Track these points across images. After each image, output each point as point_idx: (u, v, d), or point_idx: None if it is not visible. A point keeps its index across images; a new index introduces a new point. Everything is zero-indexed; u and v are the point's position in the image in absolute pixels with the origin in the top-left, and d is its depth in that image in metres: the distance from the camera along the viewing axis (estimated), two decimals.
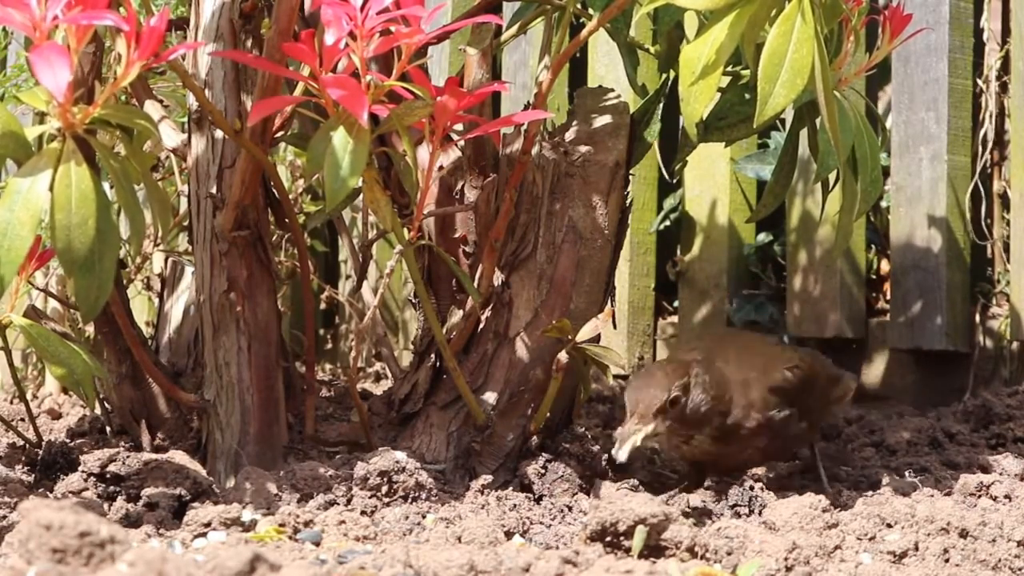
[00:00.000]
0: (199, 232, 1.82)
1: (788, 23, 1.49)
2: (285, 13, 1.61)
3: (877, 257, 2.60)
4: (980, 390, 2.38)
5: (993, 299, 2.46)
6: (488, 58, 1.77)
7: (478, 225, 1.80)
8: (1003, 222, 2.47)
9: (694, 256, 2.72)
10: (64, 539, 1.09)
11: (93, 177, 1.38)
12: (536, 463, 1.74)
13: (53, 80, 1.33)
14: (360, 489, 1.64)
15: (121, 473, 1.70)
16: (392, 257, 1.66)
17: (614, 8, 1.64)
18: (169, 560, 1.05)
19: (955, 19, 2.43)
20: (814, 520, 1.51)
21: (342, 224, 2.44)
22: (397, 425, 1.83)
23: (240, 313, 1.80)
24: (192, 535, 1.51)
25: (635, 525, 1.38)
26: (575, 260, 1.79)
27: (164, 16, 1.40)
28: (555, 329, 1.72)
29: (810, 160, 2.36)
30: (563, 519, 1.66)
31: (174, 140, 1.87)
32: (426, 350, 1.82)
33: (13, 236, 1.36)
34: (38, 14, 1.36)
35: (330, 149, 1.51)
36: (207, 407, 1.82)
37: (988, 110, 2.47)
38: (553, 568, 1.24)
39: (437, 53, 2.86)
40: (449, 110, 1.59)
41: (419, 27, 1.54)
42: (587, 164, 1.79)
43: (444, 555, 1.26)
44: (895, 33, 1.75)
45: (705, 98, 1.52)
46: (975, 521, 1.48)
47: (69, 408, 2.53)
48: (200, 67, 1.81)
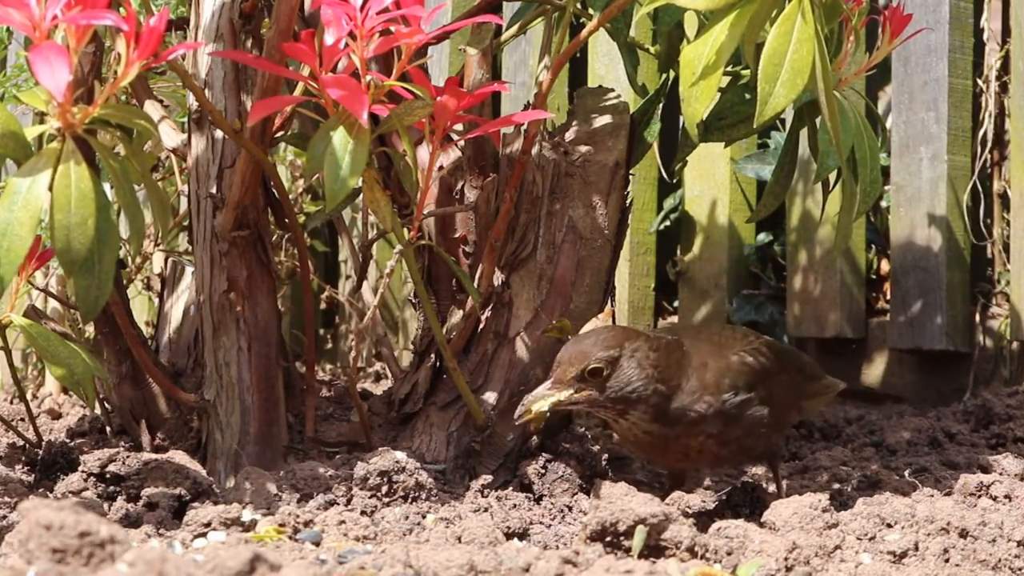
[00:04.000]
0: (199, 232, 1.82)
1: (788, 23, 1.49)
2: (285, 13, 1.61)
3: (877, 257, 2.60)
4: (980, 390, 2.39)
5: (993, 299, 2.46)
6: (488, 58, 1.77)
7: (478, 225, 1.80)
8: (1003, 222, 2.47)
9: (694, 256, 2.72)
10: (64, 539, 1.09)
11: (93, 177, 1.38)
12: (536, 463, 1.74)
13: (53, 80, 1.33)
14: (360, 489, 1.64)
15: (121, 473, 1.70)
16: (392, 257, 1.66)
17: (614, 8, 1.64)
18: (169, 560, 1.05)
19: (955, 19, 2.43)
20: (814, 520, 1.51)
21: (342, 224, 2.45)
22: (397, 425, 1.84)
23: (240, 313, 1.80)
24: (192, 535, 1.51)
25: (635, 525, 1.38)
26: (575, 260, 1.79)
27: (164, 16, 1.40)
28: (555, 329, 1.73)
29: (810, 160, 2.36)
30: (563, 519, 1.66)
31: (174, 140, 1.87)
32: (426, 350, 1.82)
33: (13, 236, 1.36)
34: (38, 14, 1.36)
35: (330, 149, 1.51)
36: (207, 407, 1.82)
37: (988, 110, 2.47)
38: (553, 568, 1.24)
39: (437, 53, 2.86)
40: (449, 110, 1.59)
41: (419, 27, 1.54)
42: (587, 164, 1.79)
43: (444, 555, 1.26)
44: (895, 33, 1.75)
45: (705, 98, 1.52)
46: (975, 521, 1.48)
47: (69, 408, 2.53)
48: (200, 67, 1.81)
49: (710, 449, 1.64)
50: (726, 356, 1.65)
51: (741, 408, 1.63)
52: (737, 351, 1.66)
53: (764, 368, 1.66)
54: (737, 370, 1.64)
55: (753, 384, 1.64)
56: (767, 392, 1.66)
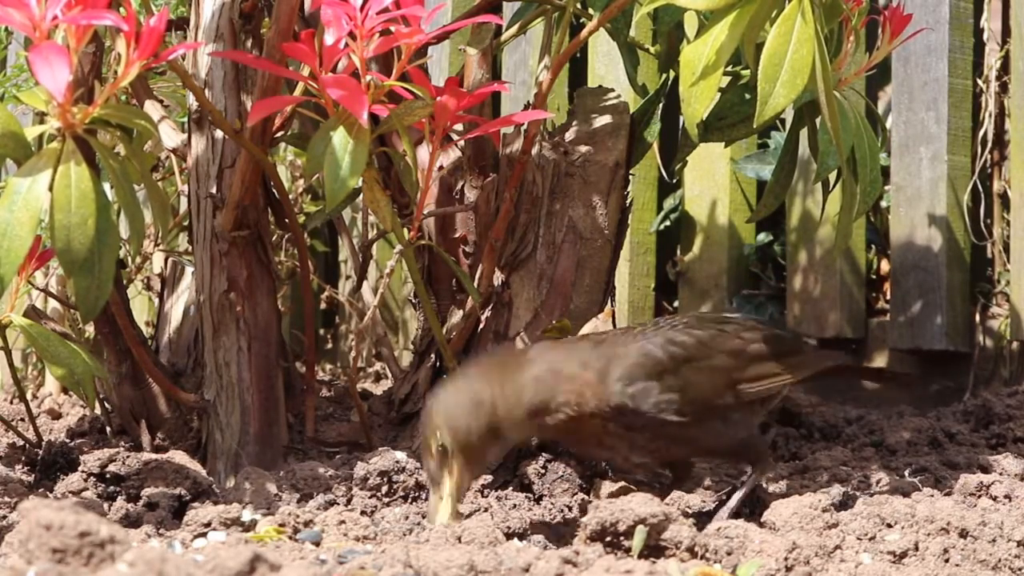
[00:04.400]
0: (199, 232, 1.82)
1: (788, 23, 1.49)
2: (285, 13, 1.61)
3: (877, 257, 2.60)
4: (980, 390, 2.38)
5: (993, 299, 2.46)
6: (488, 58, 1.77)
7: (478, 225, 1.80)
8: (1003, 222, 2.47)
9: (694, 256, 2.72)
10: (64, 539, 1.09)
11: (93, 177, 1.38)
12: (536, 463, 1.74)
13: (53, 80, 1.33)
14: (360, 489, 1.64)
15: (121, 473, 1.70)
16: (392, 257, 1.66)
17: (614, 8, 1.64)
18: (169, 560, 1.05)
19: (955, 19, 2.43)
20: (814, 520, 1.51)
21: (342, 224, 2.45)
22: (397, 425, 1.84)
23: (240, 313, 1.80)
24: (192, 535, 1.51)
25: (635, 525, 1.38)
26: (575, 260, 1.79)
27: (164, 16, 1.40)
28: (555, 329, 1.73)
29: (810, 160, 2.36)
30: (563, 519, 1.66)
31: (174, 140, 1.87)
32: (426, 350, 1.82)
33: (13, 236, 1.36)
34: (38, 14, 1.36)
35: (330, 149, 1.51)
36: (207, 407, 1.82)
37: (988, 110, 2.47)
38: (553, 568, 1.24)
39: (437, 53, 2.85)
40: (449, 110, 1.59)
41: (419, 27, 1.54)
42: (587, 164, 1.79)
43: (444, 555, 1.26)
44: (895, 33, 1.75)
45: (706, 98, 1.52)
46: (975, 521, 1.48)
47: (69, 408, 2.53)
48: (200, 67, 1.81)
49: (616, 432, 1.60)
50: (626, 349, 1.60)
51: (640, 399, 1.58)
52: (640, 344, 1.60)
53: (672, 356, 1.60)
54: (634, 363, 1.59)
55: (657, 375, 1.59)
56: (681, 381, 1.60)
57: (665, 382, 1.60)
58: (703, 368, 1.62)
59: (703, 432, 1.63)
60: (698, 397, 1.61)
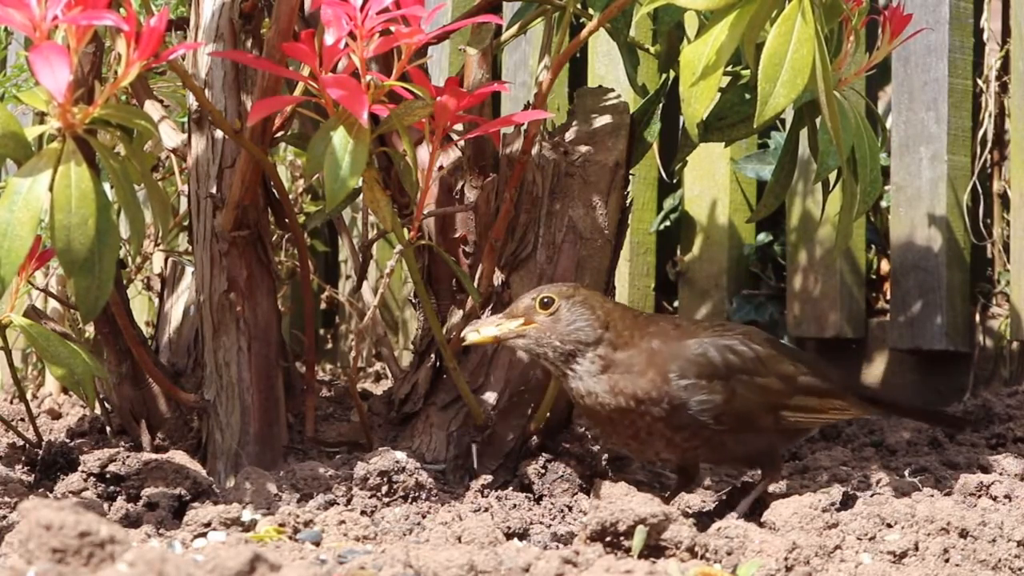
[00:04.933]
0: (199, 232, 1.82)
1: (788, 23, 1.49)
2: (285, 13, 1.61)
3: (877, 257, 2.60)
4: (980, 390, 2.38)
5: (993, 299, 2.46)
6: (488, 58, 1.77)
7: (478, 225, 1.80)
8: (1003, 222, 2.47)
9: (694, 256, 2.72)
10: (64, 539, 1.09)
11: (93, 177, 1.38)
12: (536, 463, 1.74)
13: (53, 80, 1.33)
14: (360, 489, 1.64)
15: (121, 473, 1.70)
16: (392, 257, 1.66)
17: (614, 8, 1.64)
18: (169, 560, 1.05)
19: (955, 19, 2.43)
20: (814, 520, 1.51)
21: (342, 224, 2.45)
22: (397, 425, 1.84)
23: (240, 313, 1.80)
24: (192, 535, 1.51)
25: (635, 525, 1.38)
26: (575, 260, 1.79)
27: (164, 16, 1.40)
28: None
29: (810, 160, 2.36)
30: (563, 519, 1.66)
31: (174, 140, 1.87)
32: (426, 350, 1.82)
33: (13, 236, 1.36)
34: (38, 14, 1.36)
35: (330, 149, 1.51)
36: (207, 407, 1.82)
37: (988, 110, 2.47)
38: (553, 568, 1.24)
39: (437, 53, 2.85)
40: (449, 110, 1.59)
41: (419, 27, 1.54)
42: (587, 164, 1.79)
43: (444, 555, 1.26)
44: (895, 33, 1.75)
45: (706, 98, 1.52)
46: (975, 521, 1.48)
47: (69, 408, 2.53)
48: (200, 67, 1.81)
49: (661, 432, 1.62)
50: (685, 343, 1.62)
51: (688, 395, 1.60)
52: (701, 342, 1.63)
53: (728, 364, 1.63)
54: (690, 359, 1.62)
55: (708, 377, 1.61)
56: (729, 390, 1.62)
57: (713, 386, 1.62)
58: (753, 384, 1.65)
59: (735, 442, 1.66)
60: (741, 410, 1.64)
